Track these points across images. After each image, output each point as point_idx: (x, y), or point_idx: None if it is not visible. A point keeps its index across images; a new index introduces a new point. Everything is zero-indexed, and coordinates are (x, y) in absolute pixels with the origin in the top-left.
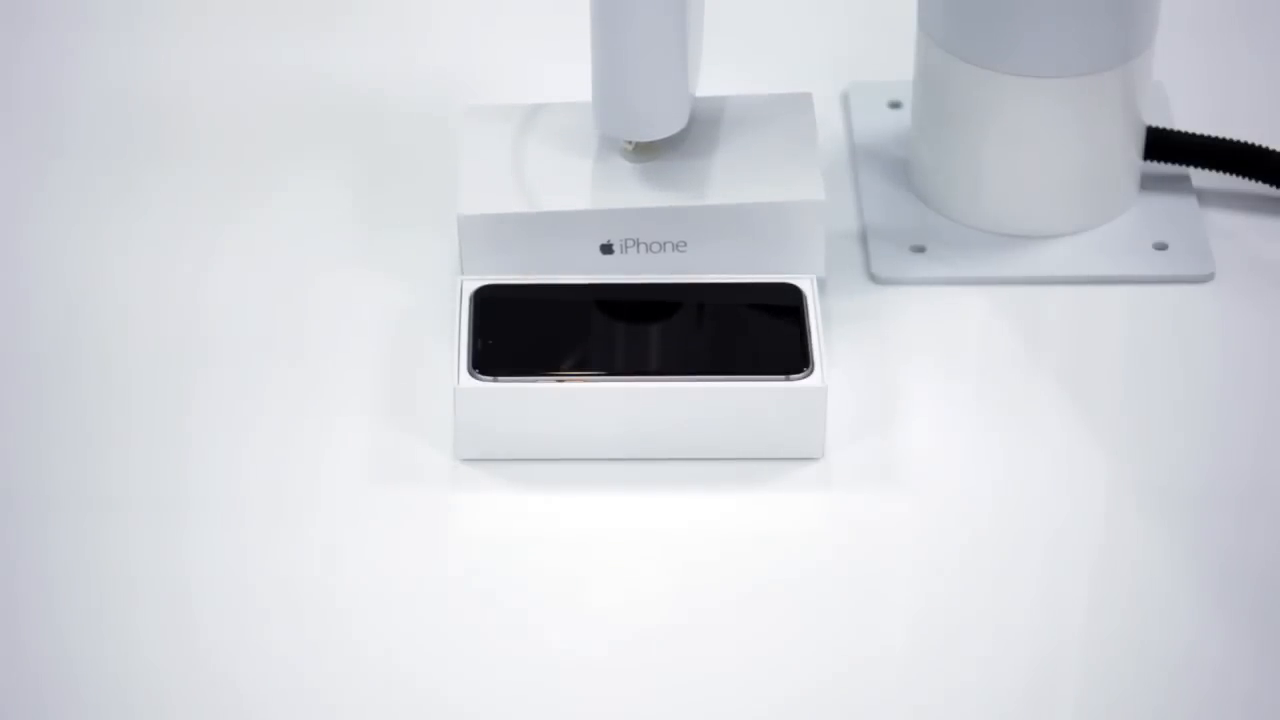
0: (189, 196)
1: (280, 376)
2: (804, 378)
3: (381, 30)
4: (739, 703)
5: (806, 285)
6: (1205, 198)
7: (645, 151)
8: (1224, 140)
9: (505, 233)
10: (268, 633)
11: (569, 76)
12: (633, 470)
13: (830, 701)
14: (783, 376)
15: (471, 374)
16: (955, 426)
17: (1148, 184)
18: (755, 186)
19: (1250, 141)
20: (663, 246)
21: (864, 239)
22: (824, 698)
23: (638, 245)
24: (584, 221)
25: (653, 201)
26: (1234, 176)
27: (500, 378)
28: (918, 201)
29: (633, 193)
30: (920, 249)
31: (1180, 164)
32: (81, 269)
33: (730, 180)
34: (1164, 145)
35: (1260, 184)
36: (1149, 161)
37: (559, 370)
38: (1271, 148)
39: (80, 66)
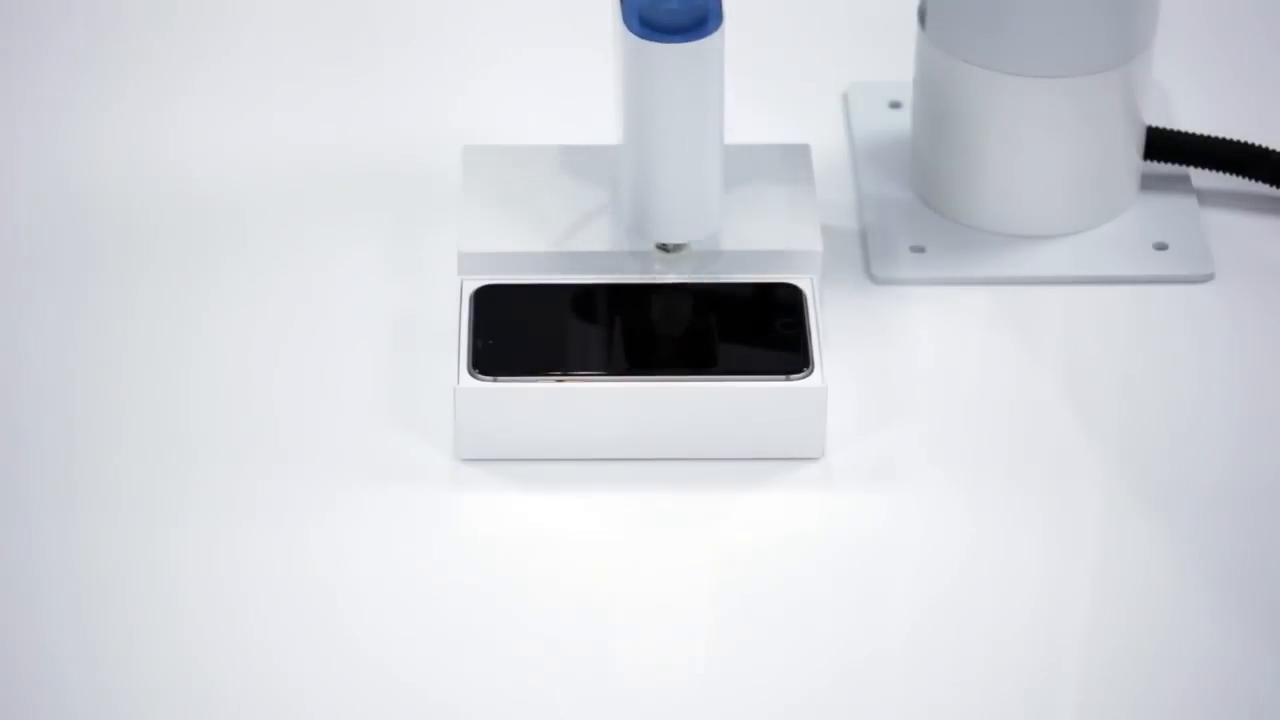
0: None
1: (280, 376)
2: (804, 378)
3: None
4: (739, 702)
5: (806, 285)
6: (1205, 198)
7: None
8: (1224, 140)
9: (504, 271)
10: (267, 632)
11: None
12: (633, 470)
13: (831, 702)
14: (783, 376)
15: (471, 374)
16: (955, 427)
17: (1148, 184)
18: (755, 234)
19: (1250, 141)
20: None
21: (864, 239)
22: (824, 698)
23: None
24: (582, 261)
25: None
26: (1234, 176)
27: (500, 378)
28: (918, 201)
29: (632, 233)
30: (920, 249)
31: (1180, 164)
32: (80, 269)
33: (729, 226)
34: (1164, 145)
35: (1260, 184)
36: (1149, 161)
37: (559, 370)
38: (1271, 148)
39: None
